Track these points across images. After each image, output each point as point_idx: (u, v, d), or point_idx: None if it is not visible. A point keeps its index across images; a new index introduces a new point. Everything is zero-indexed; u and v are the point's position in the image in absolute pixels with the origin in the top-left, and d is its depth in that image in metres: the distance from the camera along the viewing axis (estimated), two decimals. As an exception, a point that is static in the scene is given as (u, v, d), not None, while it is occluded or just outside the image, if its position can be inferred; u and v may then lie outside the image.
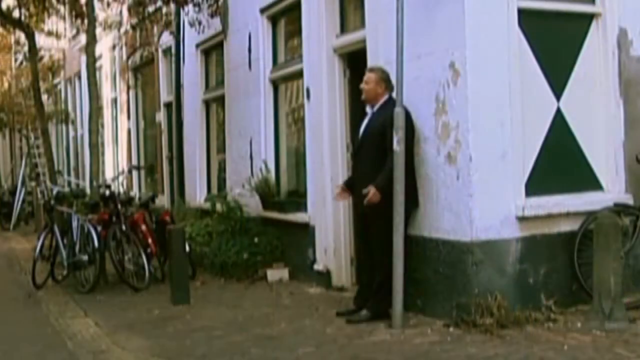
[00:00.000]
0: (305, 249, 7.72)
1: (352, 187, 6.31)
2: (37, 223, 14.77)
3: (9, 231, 16.32)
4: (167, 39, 11.94)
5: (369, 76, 6.12)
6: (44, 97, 16.50)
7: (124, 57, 14.51)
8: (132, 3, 10.93)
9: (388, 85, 6.08)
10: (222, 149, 10.54)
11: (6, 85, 19.67)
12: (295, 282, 7.85)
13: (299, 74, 7.96)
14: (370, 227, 6.00)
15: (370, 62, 6.56)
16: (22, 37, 14.99)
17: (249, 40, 9.00)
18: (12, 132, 21.12)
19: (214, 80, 10.98)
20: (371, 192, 5.75)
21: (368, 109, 6.19)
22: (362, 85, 6.12)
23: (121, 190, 11.09)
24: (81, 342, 5.94)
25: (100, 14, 11.70)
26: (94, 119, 9.50)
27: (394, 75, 5.87)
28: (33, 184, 17.19)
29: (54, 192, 9.95)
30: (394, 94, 6.00)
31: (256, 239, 8.29)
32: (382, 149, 5.82)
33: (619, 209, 5.91)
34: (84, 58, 12.84)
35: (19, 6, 11.80)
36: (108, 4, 11.01)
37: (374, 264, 5.97)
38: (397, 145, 5.69)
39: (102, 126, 15.04)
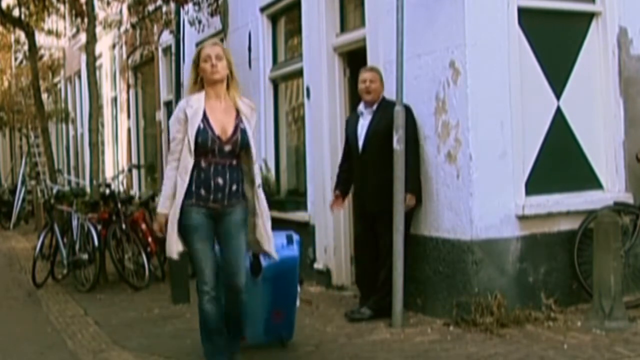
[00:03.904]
0: (305, 247, 7.71)
1: (345, 191, 6.32)
2: (37, 222, 14.77)
3: (9, 230, 16.32)
4: (167, 37, 11.92)
5: (374, 75, 6.11)
6: (44, 96, 16.48)
7: (124, 56, 14.50)
8: (132, 2, 10.91)
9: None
10: (222, 147, 10.52)
11: (6, 84, 19.66)
12: (295, 281, 7.85)
13: (299, 73, 7.96)
14: (378, 227, 5.99)
15: (370, 61, 6.56)
16: (22, 36, 14.96)
17: (249, 39, 9.00)
18: (12, 131, 21.12)
19: (213, 79, 10.95)
20: (409, 199, 5.79)
21: (362, 109, 6.17)
22: (367, 85, 6.08)
23: (121, 189, 11.09)
24: (81, 341, 5.94)
25: (100, 13, 11.69)
26: (94, 117, 9.48)
27: (394, 74, 5.87)
28: (33, 182, 17.18)
29: (54, 191, 9.94)
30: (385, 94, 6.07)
31: (256, 238, 8.26)
32: (392, 150, 5.79)
33: (619, 208, 5.91)
34: (84, 57, 12.84)
35: (19, 5, 11.78)
36: (108, 3, 10.99)
37: (379, 262, 5.96)
38: (397, 144, 5.69)
39: (102, 125, 15.03)
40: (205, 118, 4.43)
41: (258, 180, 4.58)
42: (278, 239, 4.99)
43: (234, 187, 4.50)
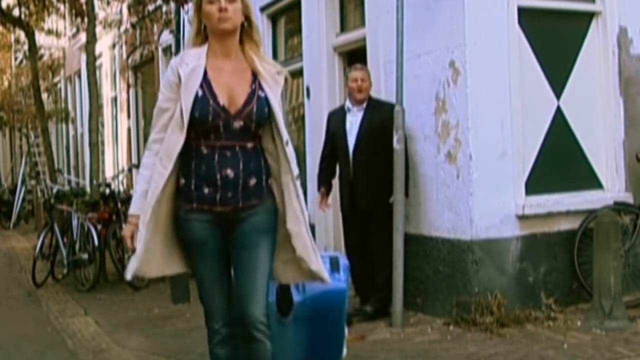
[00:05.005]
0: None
1: (329, 189, 6.31)
2: (37, 222, 14.78)
3: (9, 230, 16.33)
4: (167, 37, 11.92)
5: (364, 74, 6.14)
6: (44, 95, 16.48)
7: (124, 55, 14.50)
8: (132, 2, 10.93)
9: None
10: (222, 147, 10.51)
11: (6, 84, 19.66)
12: (295, 280, 7.83)
13: (299, 73, 7.96)
14: (372, 226, 5.98)
15: (370, 61, 6.57)
16: (22, 35, 14.97)
17: (249, 39, 8.98)
18: (12, 130, 21.12)
19: (214, 78, 10.95)
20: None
21: (350, 106, 6.17)
22: (359, 84, 6.09)
23: (121, 188, 11.08)
24: (81, 341, 5.94)
25: (100, 13, 11.70)
26: (94, 117, 9.49)
27: (394, 74, 5.88)
28: (33, 182, 17.19)
29: (54, 190, 9.94)
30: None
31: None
32: (387, 148, 5.80)
33: (619, 208, 5.91)
34: (84, 57, 12.84)
35: (19, 5, 11.79)
36: (108, 3, 11.00)
37: (377, 261, 5.96)
38: (397, 144, 5.70)
39: (102, 125, 15.04)
40: (205, 81, 3.13)
41: (295, 170, 3.22)
42: None
43: (252, 181, 3.16)
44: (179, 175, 3.16)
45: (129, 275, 3.27)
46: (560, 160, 6.04)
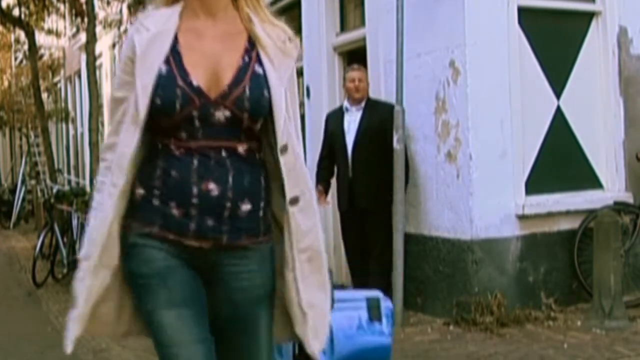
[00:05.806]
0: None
1: (327, 187, 6.31)
2: (37, 221, 14.77)
3: (9, 230, 16.31)
4: (167, 37, 11.93)
5: (361, 74, 6.17)
6: (44, 95, 16.49)
7: (124, 55, 14.49)
8: (132, 1, 10.93)
9: None
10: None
11: (6, 83, 19.67)
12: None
13: (299, 73, 7.95)
14: (370, 225, 5.98)
15: (370, 61, 6.57)
16: (22, 35, 14.99)
17: (249, 39, 8.99)
18: (12, 130, 21.13)
19: (214, 78, 10.95)
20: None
21: (348, 106, 6.18)
22: (357, 84, 6.11)
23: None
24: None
25: (100, 13, 11.70)
26: (94, 117, 9.51)
27: (394, 74, 5.88)
28: (33, 182, 17.20)
29: (54, 190, 9.95)
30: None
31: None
32: (385, 147, 5.81)
33: (619, 208, 5.91)
34: (84, 56, 12.84)
35: (19, 4, 11.82)
36: (108, 3, 11.02)
37: (377, 261, 5.96)
38: (397, 143, 5.70)
39: (102, 124, 15.03)
40: (174, 52, 2.03)
41: (293, 190, 2.09)
42: (348, 311, 2.82)
43: (245, 206, 2.05)
44: (135, 184, 2.06)
45: (69, 349, 2.27)
46: (560, 160, 6.04)
